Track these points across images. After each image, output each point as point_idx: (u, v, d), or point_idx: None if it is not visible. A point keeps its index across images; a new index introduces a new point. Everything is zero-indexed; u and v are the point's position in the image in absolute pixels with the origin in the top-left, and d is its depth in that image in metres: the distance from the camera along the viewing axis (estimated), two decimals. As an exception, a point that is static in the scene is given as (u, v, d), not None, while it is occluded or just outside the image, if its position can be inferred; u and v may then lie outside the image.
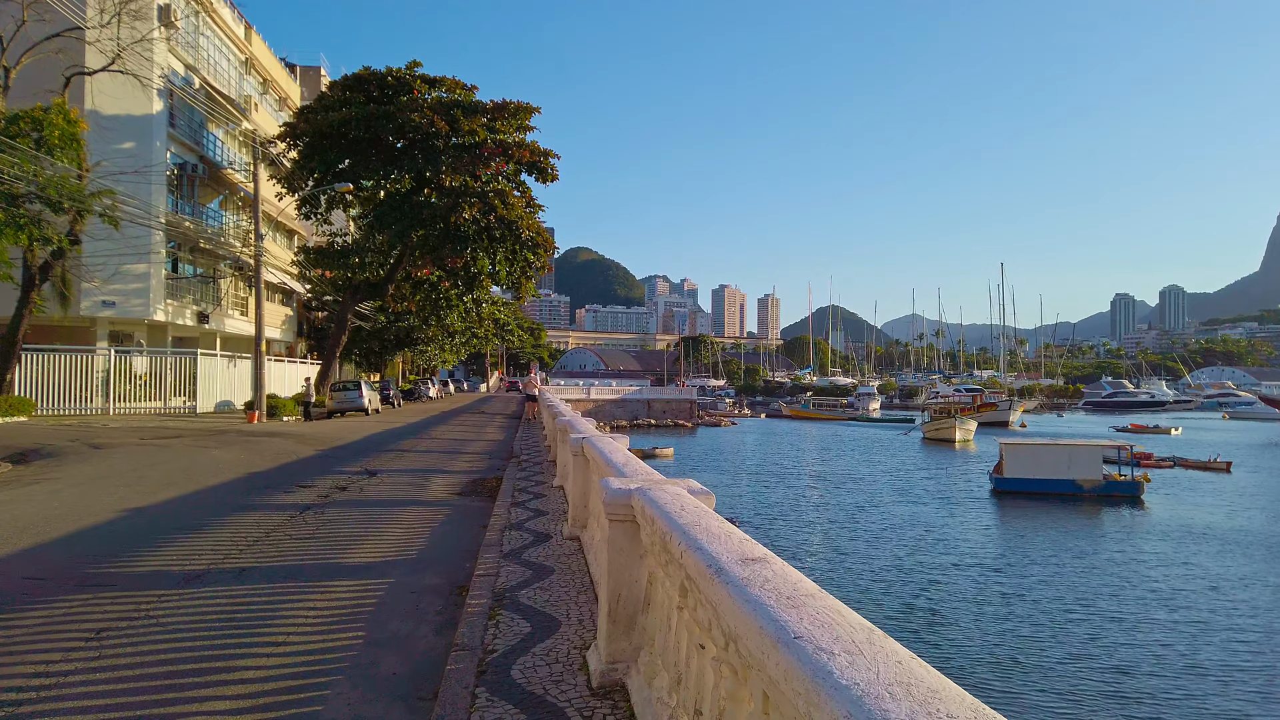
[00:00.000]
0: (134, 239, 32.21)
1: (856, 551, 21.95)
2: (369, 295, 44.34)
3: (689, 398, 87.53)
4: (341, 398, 38.71)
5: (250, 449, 18.47)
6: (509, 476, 14.16)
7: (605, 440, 7.59)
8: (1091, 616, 16.53)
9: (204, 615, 6.03)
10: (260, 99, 48.28)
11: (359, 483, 13.62)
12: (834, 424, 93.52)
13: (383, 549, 8.46)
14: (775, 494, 33.99)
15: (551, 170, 40.46)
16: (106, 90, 32.49)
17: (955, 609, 16.72)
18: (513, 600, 6.05)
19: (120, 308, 34.56)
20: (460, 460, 17.88)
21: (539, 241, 41.02)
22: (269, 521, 9.82)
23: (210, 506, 10.90)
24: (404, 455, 18.37)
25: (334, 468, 15.68)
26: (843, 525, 26.38)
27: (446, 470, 15.88)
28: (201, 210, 41.40)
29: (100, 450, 17.85)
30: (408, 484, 13.79)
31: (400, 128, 37.52)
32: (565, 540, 8.29)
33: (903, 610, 16.44)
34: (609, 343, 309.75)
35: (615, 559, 4.31)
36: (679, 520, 3.46)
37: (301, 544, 8.56)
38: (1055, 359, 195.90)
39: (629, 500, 4.24)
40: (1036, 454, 35.30)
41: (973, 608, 16.81)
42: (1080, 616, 16.52)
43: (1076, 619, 16.32)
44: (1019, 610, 16.79)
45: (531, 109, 40.17)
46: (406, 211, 38.66)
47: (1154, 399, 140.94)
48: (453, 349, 77.84)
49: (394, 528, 9.67)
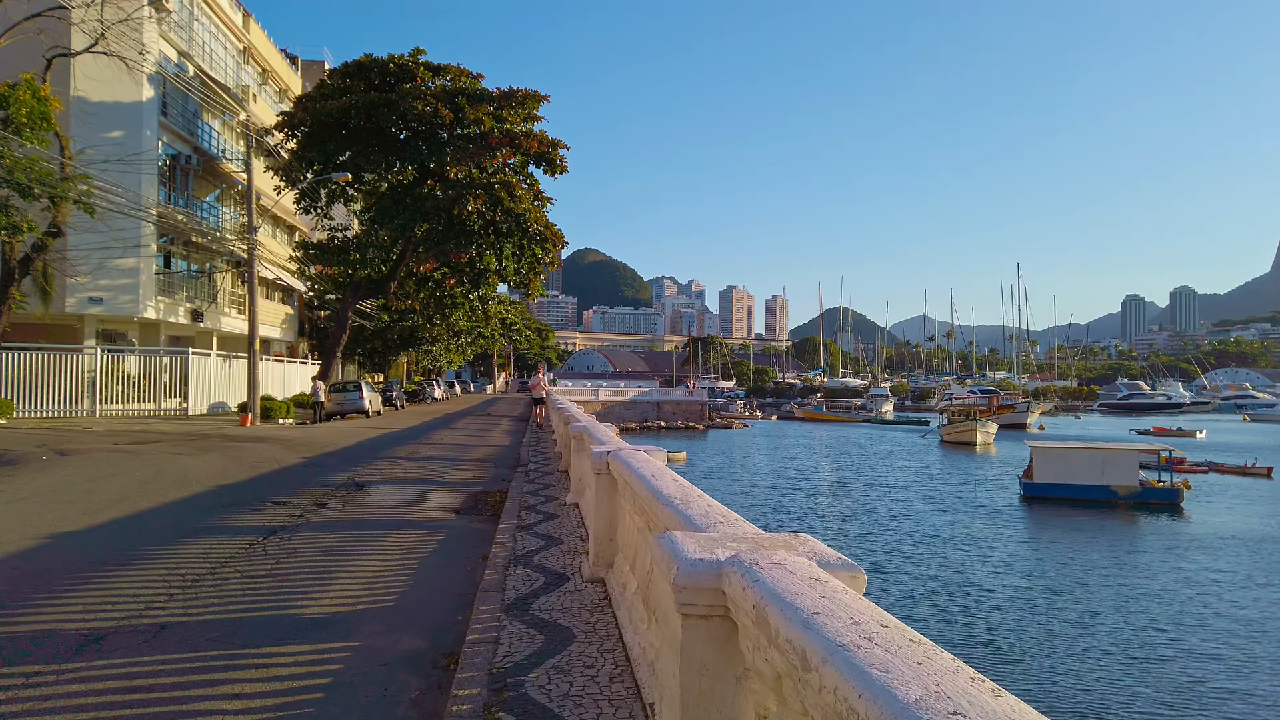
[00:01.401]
0: (122, 231, 30.53)
1: (900, 570, 20.05)
2: (370, 293, 42.59)
3: (700, 399, 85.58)
4: (341, 399, 36.99)
5: (230, 456, 16.71)
6: (515, 490, 12.36)
7: (639, 456, 5.78)
8: (1160, 644, 14.66)
9: (80, 710, 4.24)
10: (259, 90, 46.64)
11: (342, 498, 11.83)
12: (848, 426, 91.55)
13: (353, 593, 6.64)
14: (799, 502, 32.12)
15: (561, 161, 38.66)
16: (93, 75, 30.82)
17: (1019, 640, 14.85)
18: (518, 694, 4.22)
19: (108, 305, 32.90)
20: (461, 470, 16.08)
21: (548, 236, 39.17)
22: (220, 551, 8.01)
23: (155, 531, 9.09)
24: (399, 464, 16.56)
25: (318, 479, 13.90)
26: (878, 539, 24.48)
27: (445, 482, 14.08)
28: (196, 204, 39.75)
29: (66, 458, 16.13)
30: (399, 499, 11.99)
31: (403, 116, 35.75)
32: (585, 585, 6.45)
33: (967, 641, 14.57)
34: (617, 344, 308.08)
35: (693, 680, 2.50)
36: (833, 639, 1.68)
37: (250, 586, 6.74)
38: (1068, 360, 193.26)
39: (717, 583, 2.45)
40: (1068, 458, 33.33)
41: (1038, 640, 14.93)
42: (1154, 644, 14.66)
43: (1143, 644, 14.46)
44: (1085, 640, 14.91)
45: (540, 97, 38.35)
46: (409, 204, 36.90)
47: (1170, 400, 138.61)
48: (458, 349, 76.06)
49: (373, 560, 7.86)
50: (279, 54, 51.11)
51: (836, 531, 25.78)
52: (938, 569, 20.24)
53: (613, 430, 10.02)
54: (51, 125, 23.12)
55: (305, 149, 36.63)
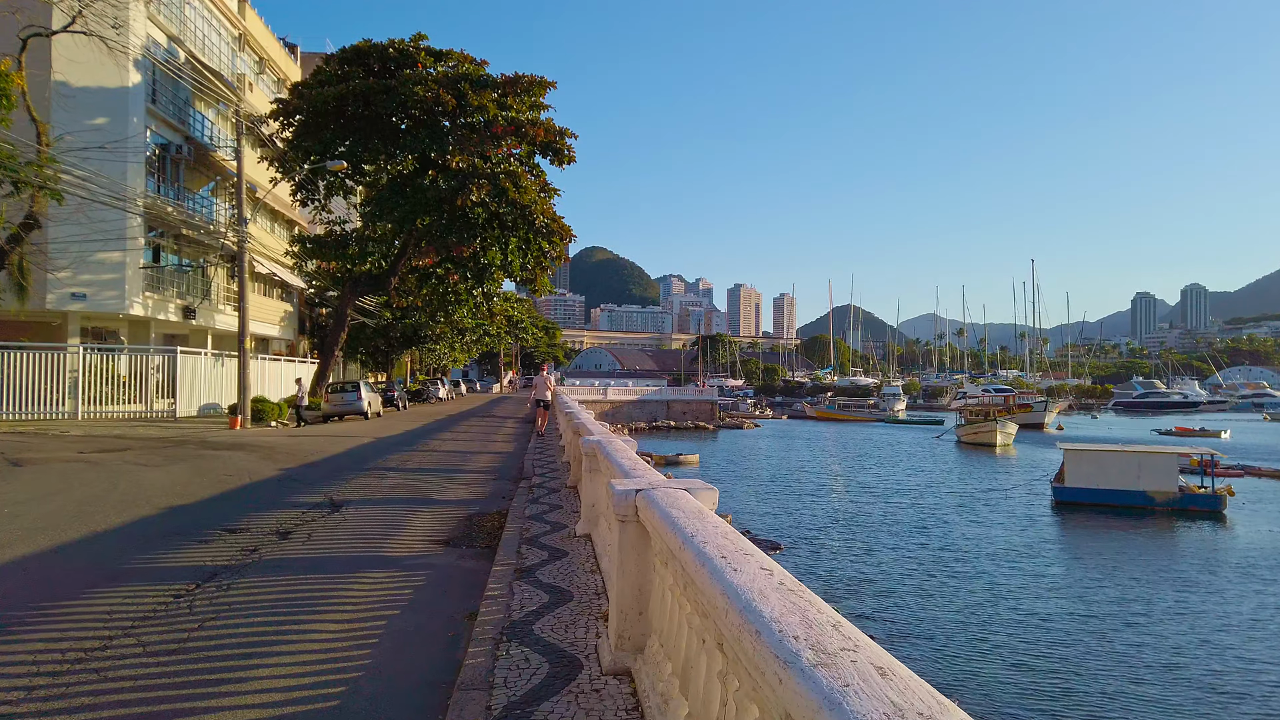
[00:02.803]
0: (104, 223, 28.88)
1: (943, 594, 18.12)
2: (370, 288, 40.85)
3: (710, 399, 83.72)
4: (338, 400, 35.29)
5: (198, 467, 14.95)
6: (516, 513, 10.56)
7: (685, 503, 3.99)
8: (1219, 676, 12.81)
9: None
10: (256, 79, 44.91)
11: (312, 523, 10.04)
12: (861, 426, 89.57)
13: (285, 682, 4.81)
14: (821, 510, 30.20)
15: (568, 151, 36.83)
16: (75, 58, 29.09)
17: (1085, 679, 13.01)
18: None
19: (92, 301, 31.21)
20: (456, 484, 14.28)
21: (554, 229, 37.29)
22: (132, 609, 6.21)
23: (61, 577, 7.27)
24: (388, 477, 14.74)
25: (289, 497, 12.13)
26: (912, 553, 22.56)
27: (436, 500, 12.27)
28: (189, 196, 38.06)
29: (18, 469, 14.43)
30: (379, 524, 10.20)
31: (403, 103, 33.97)
32: (605, 681, 4.61)
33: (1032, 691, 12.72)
34: (624, 342, 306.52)
35: None
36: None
37: (145, 673, 4.91)
38: (1080, 358, 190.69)
39: None
40: (1102, 461, 31.35)
41: (1112, 682, 13.08)
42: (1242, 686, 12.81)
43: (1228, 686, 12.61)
44: (1172, 686, 13.07)
45: (546, 83, 36.49)
46: (409, 196, 35.11)
47: (1187, 399, 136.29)
48: (463, 347, 74.25)
49: (328, 621, 6.06)
50: (277, 42, 49.37)
51: (864, 544, 23.95)
52: (980, 591, 18.37)
53: (631, 446, 8.20)
54: (12, 104, 21.34)
55: (301, 138, 34.89)
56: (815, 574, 19.96)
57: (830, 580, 19.31)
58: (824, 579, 19.37)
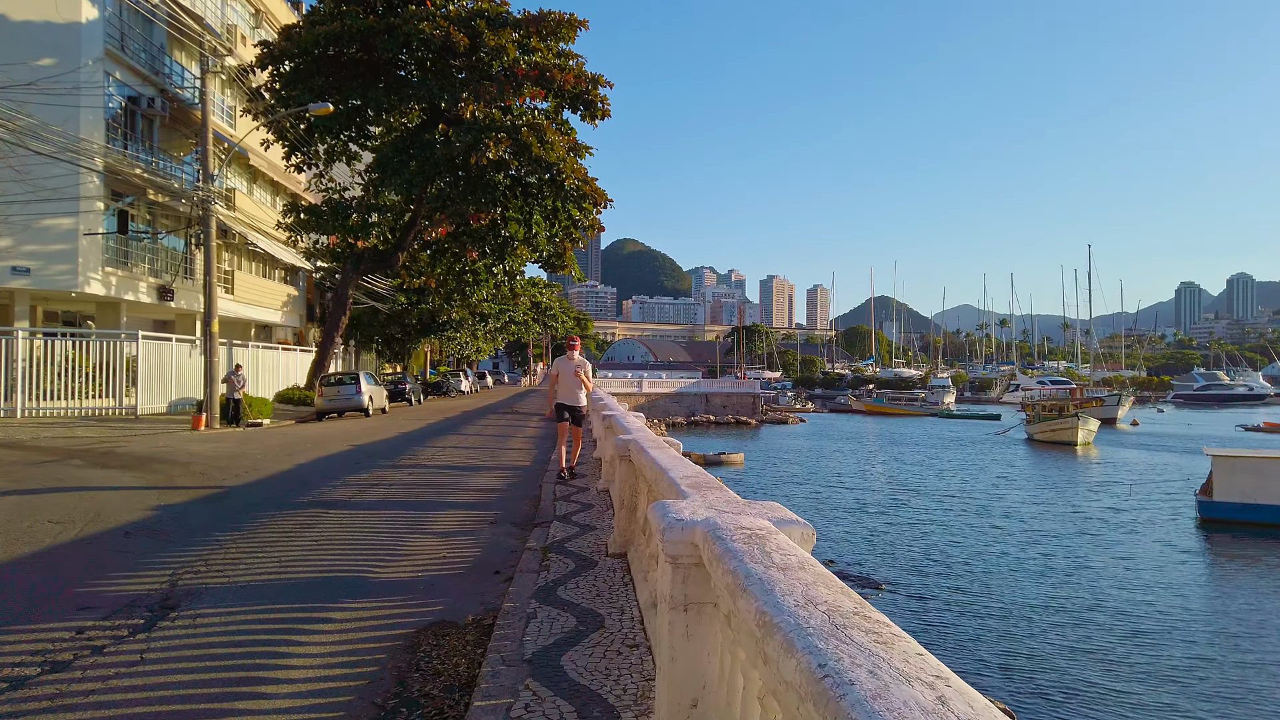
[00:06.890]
0: (48, 181, 24.05)
1: (1119, 655, 12.41)
2: (376, 266, 35.70)
3: (751, 391, 78.06)
4: (333, 394, 30.23)
5: (22, 506, 9.73)
6: (509, 631, 5.16)
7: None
8: None
9: None
10: (250, 33, 39.94)
11: (78, 662, 4.77)
12: (912, 421, 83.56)
13: None
14: (906, 531, 24.32)
15: (602, 103, 31.42)
16: (15, -14, 24.26)
17: None
18: None
19: (37, 276, 26.33)
20: (427, 536, 8.86)
21: (586, 193, 31.69)
22: None
23: None
24: (317, 523, 9.25)
25: (100, 578, 6.75)
26: (1055, 595, 16.81)
27: (368, 583, 6.85)
28: (166, 158, 33.13)
29: None
30: (221, 657, 4.88)
31: (407, 44, 28.78)
32: None
33: None
34: (657, 334, 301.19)
35: None
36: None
37: None
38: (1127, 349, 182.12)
39: None
40: (1261, 470, 25.31)
41: None
42: None
43: None
44: None
45: (576, 22, 31.03)
46: (416, 155, 29.88)
47: (1253, 392, 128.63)
48: (486, 336, 69.02)
49: None
50: (277, -6, 44.33)
51: (983, 589, 18.36)
52: (1163, 657, 12.70)
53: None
54: None
55: (289, 87, 29.84)
56: (934, 631, 14.48)
57: (960, 646, 13.79)
58: (952, 644, 13.85)
